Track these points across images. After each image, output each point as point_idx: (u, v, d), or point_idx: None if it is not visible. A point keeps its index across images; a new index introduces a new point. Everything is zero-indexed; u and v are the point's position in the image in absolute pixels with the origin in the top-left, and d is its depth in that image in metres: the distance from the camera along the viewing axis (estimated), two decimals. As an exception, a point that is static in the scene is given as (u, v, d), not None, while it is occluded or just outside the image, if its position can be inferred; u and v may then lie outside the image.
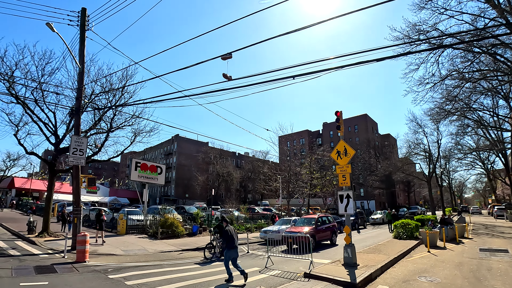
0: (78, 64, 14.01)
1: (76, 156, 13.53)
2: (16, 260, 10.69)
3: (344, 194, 12.51)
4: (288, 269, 11.03)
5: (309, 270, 10.12)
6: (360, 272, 9.69)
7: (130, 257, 12.92)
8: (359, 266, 10.67)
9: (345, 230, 12.00)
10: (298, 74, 8.57)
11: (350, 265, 10.81)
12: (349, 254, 11.11)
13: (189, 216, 26.37)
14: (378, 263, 11.06)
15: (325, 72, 8.75)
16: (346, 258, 11.12)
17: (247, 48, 9.71)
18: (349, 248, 11.19)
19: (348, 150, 13.22)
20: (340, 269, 10.35)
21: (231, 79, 9.35)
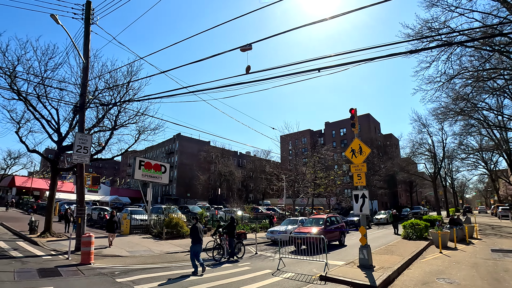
0: (82, 59, 13.53)
1: (81, 154, 13.06)
2: (19, 262, 10.23)
3: (359, 193, 12.25)
4: (301, 271, 10.72)
5: (325, 273, 9.80)
6: (378, 275, 9.42)
7: (136, 259, 12.47)
8: (375, 268, 10.43)
9: (360, 231, 11.73)
10: (325, 67, 8.08)
11: (366, 267, 10.51)
12: (364, 255, 10.79)
13: (193, 215, 25.91)
14: (394, 265, 10.84)
15: (354, 64, 8.25)
16: (361, 260, 10.80)
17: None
18: (364, 249, 10.87)
19: (363, 149, 12.87)
20: (356, 271, 10.07)
21: (248, 72, 8.86)
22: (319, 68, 7.98)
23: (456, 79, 24.67)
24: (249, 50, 8.63)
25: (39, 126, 16.96)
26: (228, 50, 8.56)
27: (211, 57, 9.04)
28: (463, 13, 21.12)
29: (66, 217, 19.01)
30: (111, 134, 17.13)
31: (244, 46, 8.49)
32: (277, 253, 15.36)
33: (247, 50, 8.61)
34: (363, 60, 7.99)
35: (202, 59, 9.36)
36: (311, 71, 8.12)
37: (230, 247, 13.49)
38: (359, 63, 8.25)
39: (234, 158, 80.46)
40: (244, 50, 8.60)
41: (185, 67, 12.72)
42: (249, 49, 8.60)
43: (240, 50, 8.60)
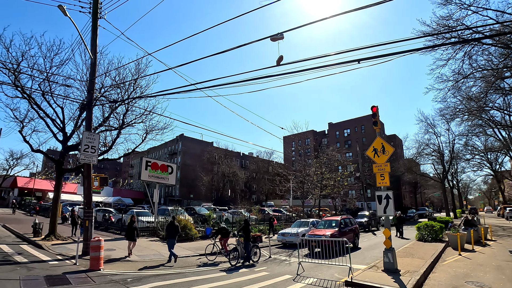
0: (90, 54, 12.93)
1: (88, 153, 12.44)
2: (24, 268, 9.59)
3: (383, 194, 11.82)
4: (322, 276, 10.28)
5: (350, 278, 9.31)
6: (407, 279, 9.12)
7: (146, 264, 11.83)
8: (401, 272, 10.16)
9: (384, 233, 11.28)
10: (364, 58, 7.47)
11: (392, 271, 10.21)
12: (389, 259, 10.44)
13: (200, 217, 25.29)
14: (419, 268, 10.59)
15: (396, 55, 7.65)
16: (386, 264, 10.46)
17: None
18: (389, 252, 10.52)
19: (386, 148, 12.37)
20: (382, 275, 9.74)
21: (279, 64, 8.25)
22: (359, 59, 7.37)
23: (468, 78, 24.20)
24: (280, 40, 8.03)
25: (43, 125, 16.38)
26: (257, 40, 7.96)
27: (237, 47, 8.41)
28: (476, 11, 20.68)
29: (73, 219, 18.19)
30: (118, 134, 16.50)
31: (275, 35, 7.90)
32: (291, 257, 15.01)
33: (278, 40, 8.02)
34: (398, 52, 7.37)
35: (229, 49, 8.73)
36: (350, 62, 7.49)
37: (246, 250, 12.88)
38: (398, 55, 7.63)
39: (237, 159, 79.86)
40: (274, 40, 8.01)
41: (191, 65, 12.12)
42: (280, 38, 8.01)
43: (271, 39, 8.02)
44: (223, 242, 14.42)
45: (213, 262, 13.08)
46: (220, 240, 14.63)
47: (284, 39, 8.15)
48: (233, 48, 8.42)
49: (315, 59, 7.59)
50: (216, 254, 14.15)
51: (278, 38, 8.01)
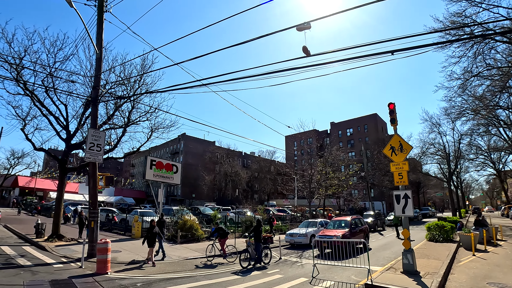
0: (96, 48, 12.46)
1: (93, 152, 11.96)
2: (28, 272, 9.11)
3: (401, 193, 11.47)
4: (339, 279, 9.92)
5: (370, 280, 8.94)
6: (429, 281, 8.92)
7: (155, 267, 11.36)
8: (421, 273, 9.97)
9: (403, 233, 11.02)
10: (399, 49, 6.98)
11: (412, 272, 10.00)
12: (409, 260, 10.22)
13: (205, 217, 24.84)
14: (438, 270, 10.46)
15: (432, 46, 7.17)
16: (406, 265, 10.25)
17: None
18: (409, 253, 10.31)
19: (404, 146, 11.96)
20: (403, 278, 9.48)
21: (309, 55, 7.79)
22: (392, 50, 6.89)
23: (477, 77, 23.79)
24: (307, 29, 7.55)
25: (46, 123, 15.94)
26: (283, 29, 7.43)
27: (261, 37, 7.92)
28: (487, 8, 20.28)
29: (80, 221, 17.51)
30: (124, 132, 15.99)
31: (302, 24, 7.41)
32: (302, 258, 14.69)
33: (304, 29, 7.53)
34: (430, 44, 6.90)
35: (253, 38, 8.25)
36: (383, 54, 7.01)
37: (257, 252, 12.43)
38: (431, 46, 7.14)
39: (239, 159, 79.37)
40: (300, 30, 7.54)
41: (193, 63, 11.64)
42: (307, 28, 7.53)
43: (297, 29, 7.55)
44: (221, 243, 13.95)
45: (211, 263, 12.69)
46: (219, 241, 14.19)
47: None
48: (253, 39, 7.95)
49: (342, 50, 7.13)
50: (226, 256, 13.78)
51: (305, 27, 7.52)
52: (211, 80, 10.92)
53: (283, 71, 8.35)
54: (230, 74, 9.47)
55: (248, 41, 9.38)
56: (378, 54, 7.02)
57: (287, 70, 8.20)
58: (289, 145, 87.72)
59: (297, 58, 7.85)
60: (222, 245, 13.96)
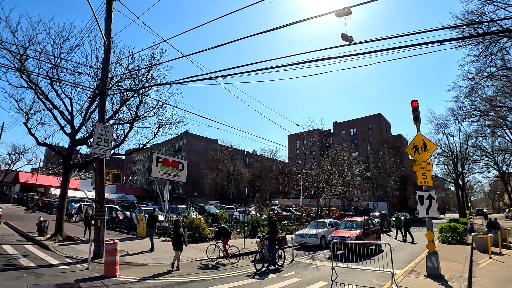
0: (104, 39, 11.84)
1: (101, 147, 11.36)
2: (31, 274, 8.51)
3: (425, 194, 11.12)
4: (360, 283, 9.46)
5: (395, 285, 8.56)
6: (456, 285, 8.76)
7: (164, 268, 10.78)
8: (445, 277, 9.73)
9: (427, 236, 10.57)
10: (448, 39, 6.40)
11: (436, 276, 9.74)
12: (433, 263, 9.98)
13: (210, 216, 24.25)
14: (460, 273, 10.29)
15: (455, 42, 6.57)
16: (430, 268, 10.00)
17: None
18: (433, 257, 10.06)
19: (428, 145, 11.44)
20: (429, 282, 9.24)
21: (352, 41, 7.20)
22: (441, 40, 6.28)
23: (491, 77, 23.22)
24: (347, 15, 6.96)
25: (49, 118, 15.34)
26: (320, 15, 6.80)
27: (287, 25, 7.29)
28: (503, 7, 19.68)
29: (86, 220, 16.64)
30: (131, 127, 15.36)
31: (341, 9, 6.82)
32: (315, 260, 14.34)
33: (344, 15, 6.95)
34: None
35: (273, 28, 7.61)
36: (432, 43, 6.38)
37: (271, 254, 11.87)
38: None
39: (242, 157, 78.84)
40: (340, 16, 6.96)
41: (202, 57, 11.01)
42: (347, 14, 6.95)
43: (336, 15, 6.98)
44: (224, 243, 13.37)
45: (215, 264, 12.22)
46: (222, 241, 13.61)
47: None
48: (274, 29, 7.32)
49: (385, 39, 6.50)
50: (235, 256, 13.29)
51: (345, 13, 6.94)
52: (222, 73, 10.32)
53: (312, 61, 7.70)
54: (248, 66, 8.86)
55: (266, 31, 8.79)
56: (426, 44, 6.40)
57: (321, 59, 7.55)
58: (291, 144, 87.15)
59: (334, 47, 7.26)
60: (225, 245, 13.39)
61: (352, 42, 7.31)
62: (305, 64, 9.08)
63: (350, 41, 7.44)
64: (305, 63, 8.99)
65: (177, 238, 11.00)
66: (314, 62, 8.82)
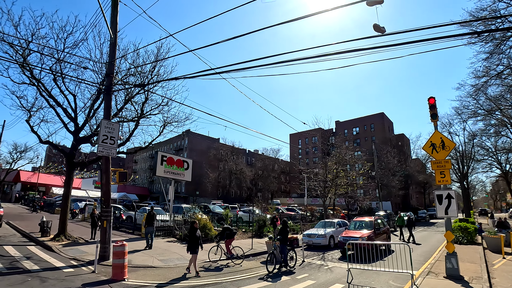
0: (110, 32, 11.41)
1: (106, 145, 10.94)
2: (36, 279, 8.09)
3: (443, 193, 10.94)
4: (378, 285, 9.29)
5: (414, 287, 8.29)
6: (478, 287, 8.58)
7: (174, 271, 10.36)
8: (465, 278, 9.58)
9: (446, 236, 10.33)
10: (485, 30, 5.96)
11: (456, 277, 9.54)
12: (453, 264, 9.77)
13: (215, 216, 23.83)
14: (479, 274, 10.15)
15: None
16: (449, 270, 9.79)
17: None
18: (453, 257, 9.84)
19: (446, 143, 11.07)
20: (450, 284, 9.01)
21: (384, 32, 6.81)
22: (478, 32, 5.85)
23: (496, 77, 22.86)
24: (378, 4, 6.57)
25: (52, 115, 14.92)
26: (349, 4, 6.35)
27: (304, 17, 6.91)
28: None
29: (93, 221, 16.05)
30: (137, 124, 14.90)
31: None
32: (325, 261, 14.08)
33: (375, 4, 6.56)
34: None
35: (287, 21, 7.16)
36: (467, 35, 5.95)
37: (283, 255, 11.48)
38: None
39: (243, 156, 78.43)
40: (371, 5, 6.57)
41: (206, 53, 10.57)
42: (379, 2, 6.54)
43: (366, 4, 6.56)
44: (227, 244, 12.91)
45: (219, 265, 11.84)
46: (225, 242, 13.13)
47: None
48: (287, 22, 6.88)
49: (418, 30, 6.07)
50: (239, 258, 12.85)
51: (376, 2, 6.55)
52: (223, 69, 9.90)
53: (339, 54, 7.26)
54: (264, 59, 8.43)
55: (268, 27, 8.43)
56: (462, 35, 5.98)
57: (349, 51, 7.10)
58: (293, 144, 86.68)
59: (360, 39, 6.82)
60: (228, 246, 12.89)
61: (384, 33, 6.90)
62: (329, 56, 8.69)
63: (382, 32, 7.06)
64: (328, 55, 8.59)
65: (194, 241, 10.23)
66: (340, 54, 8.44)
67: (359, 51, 8.17)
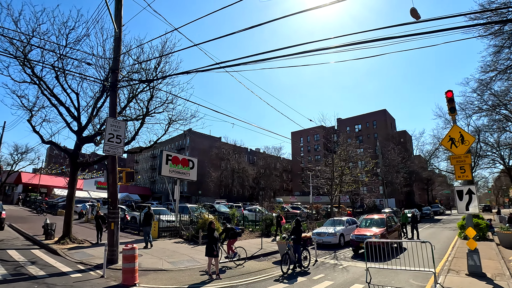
0: (115, 26, 10.94)
1: (113, 144, 10.49)
2: (43, 285, 7.65)
3: (464, 189, 10.56)
4: (399, 284, 8.95)
5: (439, 286, 8.11)
6: (504, 284, 8.33)
7: (185, 274, 9.93)
8: (488, 275, 9.31)
9: (468, 232, 9.99)
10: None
11: (479, 275, 9.30)
12: (475, 261, 9.54)
13: (221, 215, 23.38)
14: (501, 270, 9.94)
15: None
16: (472, 267, 9.54)
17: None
18: (474, 254, 9.58)
19: (465, 137, 10.66)
20: (474, 281, 8.75)
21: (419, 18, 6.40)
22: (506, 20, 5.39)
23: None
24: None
25: (55, 114, 14.46)
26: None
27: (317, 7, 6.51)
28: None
29: (98, 223, 15.04)
30: (142, 122, 14.43)
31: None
32: (338, 260, 13.71)
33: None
34: None
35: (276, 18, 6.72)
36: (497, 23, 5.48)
37: (298, 255, 11.07)
38: None
39: (245, 155, 77.99)
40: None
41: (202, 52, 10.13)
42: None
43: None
44: (229, 245, 12.18)
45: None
46: (227, 243, 12.31)
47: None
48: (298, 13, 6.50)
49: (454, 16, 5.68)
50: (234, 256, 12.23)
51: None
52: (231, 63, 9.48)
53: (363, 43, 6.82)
54: (285, 50, 7.99)
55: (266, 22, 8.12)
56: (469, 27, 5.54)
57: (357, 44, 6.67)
58: (294, 142, 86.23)
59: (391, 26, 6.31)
60: (230, 247, 12.14)
61: (418, 20, 6.48)
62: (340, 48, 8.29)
63: (418, 18, 6.64)
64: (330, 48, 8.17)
65: (212, 242, 9.57)
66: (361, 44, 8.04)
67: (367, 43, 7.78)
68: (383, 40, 7.40)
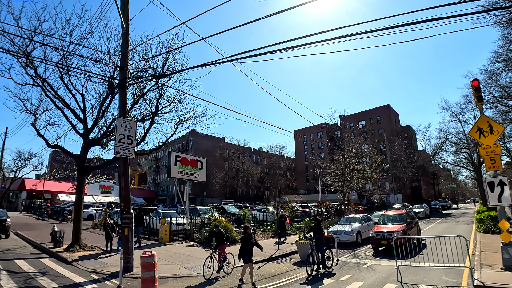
0: (122, 21, 10.36)
1: (124, 145, 9.91)
2: (58, 299, 7.09)
3: (495, 180, 10.00)
4: (433, 282, 8.54)
5: (478, 282, 7.76)
6: None
7: (203, 280, 9.33)
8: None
9: (501, 225, 9.54)
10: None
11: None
12: (510, 255, 9.10)
13: (232, 216, 22.79)
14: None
15: None
16: (507, 260, 9.14)
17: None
18: (510, 247, 9.14)
19: (494, 127, 10.16)
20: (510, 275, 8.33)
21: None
22: None
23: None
24: None
25: (60, 117, 13.89)
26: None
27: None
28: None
29: (107, 232, 13.76)
30: (152, 122, 13.85)
31: None
32: (359, 258, 13.10)
33: None
34: None
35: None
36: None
37: (321, 255, 10.51)
38: None
39: (249, 155, 77.36)
40: None
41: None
42: None
43: None
44: (219, 252, 10.51)
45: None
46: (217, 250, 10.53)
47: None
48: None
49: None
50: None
51: None
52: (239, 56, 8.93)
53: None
54: (288, 42, 7.42)
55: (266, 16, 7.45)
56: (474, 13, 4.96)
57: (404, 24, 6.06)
58: (299, 138, 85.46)
59: None
60: (220, 254, 10.51)
61: None
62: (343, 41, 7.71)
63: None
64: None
65: (248, 248, 8.84)
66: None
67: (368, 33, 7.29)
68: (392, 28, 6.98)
